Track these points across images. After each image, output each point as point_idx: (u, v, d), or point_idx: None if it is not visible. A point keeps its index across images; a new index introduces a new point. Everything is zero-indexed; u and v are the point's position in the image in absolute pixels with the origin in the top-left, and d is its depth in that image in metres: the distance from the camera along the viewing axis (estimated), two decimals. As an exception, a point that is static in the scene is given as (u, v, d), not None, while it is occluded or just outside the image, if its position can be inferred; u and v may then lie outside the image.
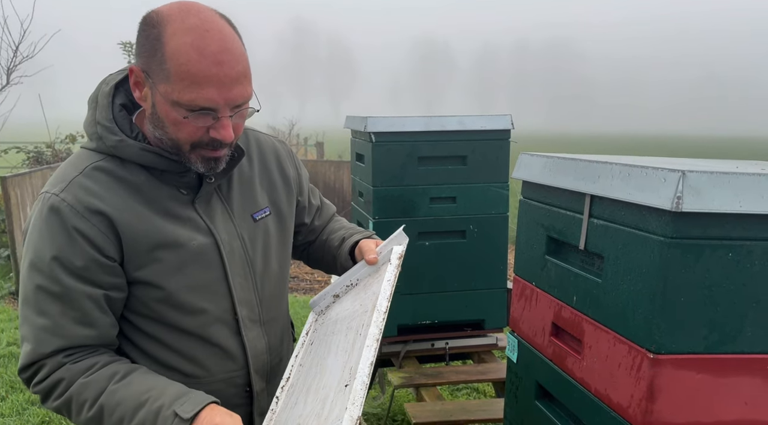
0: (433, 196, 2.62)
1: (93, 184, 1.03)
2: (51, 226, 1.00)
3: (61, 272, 1.00)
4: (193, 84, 0.95)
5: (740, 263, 0.92)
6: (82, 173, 1.03)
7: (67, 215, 1.00)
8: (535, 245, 1.33)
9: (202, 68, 0.95)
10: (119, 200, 1.04)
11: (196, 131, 1.01)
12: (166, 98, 0.98)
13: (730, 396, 0.95)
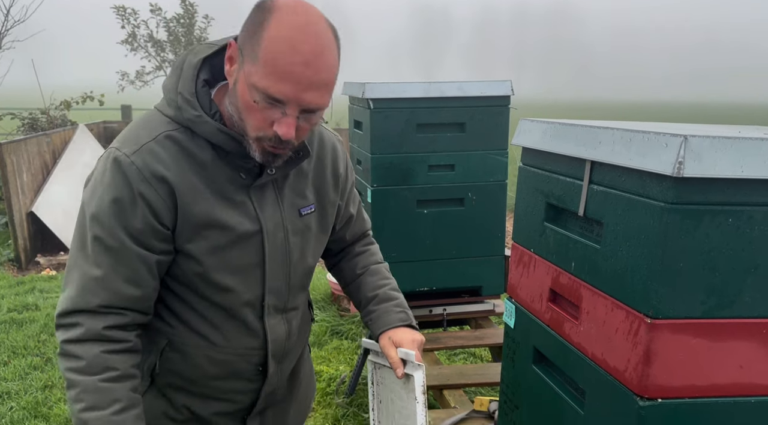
0: (431, 164, 2.61)
1: (163, 152, 1.05)
2: (117, 185, 1.03)
3: (121, 231, 1.04)
4: (273, 74, 0.97)
5: (740, 228, 0.92)
6: (155, 140, 1.05)
7: (134, 178, 1.03)
8: (534, 212, 1.33)
9: (288, 63, 0.97)
10: (184, 173, 1.06)
11: (262, 122, 1.02)
12: (247, 79, 1.00)
13: (725, 359, 0.96)
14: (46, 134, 6.41)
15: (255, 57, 0.97)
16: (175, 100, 1.07)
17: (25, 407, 2.94)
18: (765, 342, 0.96)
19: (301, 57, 0.97)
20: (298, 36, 0.97)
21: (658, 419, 0.96)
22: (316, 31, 0.99)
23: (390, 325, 1.31)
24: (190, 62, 1.08)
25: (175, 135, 1.06)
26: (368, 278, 1.41)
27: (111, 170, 1.04)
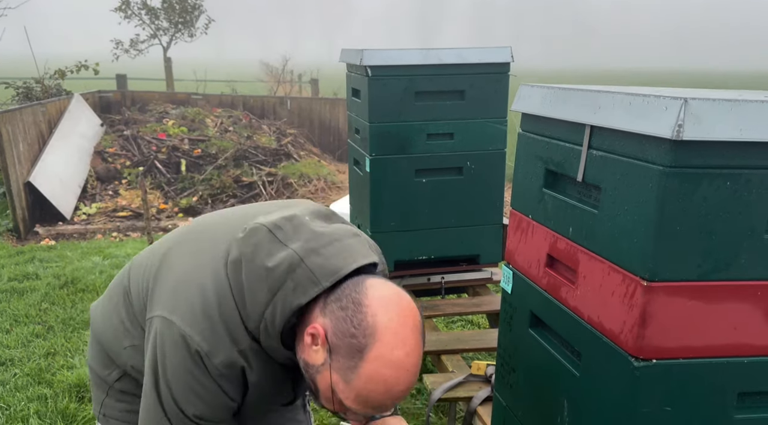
0: (430, 132, 2.60)
1: (248, 365, 1.08)
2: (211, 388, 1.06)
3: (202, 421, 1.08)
4: (363, 404, 1.00)
5: (737, 192, 0.92)
6: (241, 353, 1.07)
7: (227, 388, 1.07)
8: (532, 178, 1.33)
9: (380, 400, 0.99)
10: (259, 375, 1.11)
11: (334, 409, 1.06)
12: (333, 388, 1.00)
13: (720, 321, 0.97)
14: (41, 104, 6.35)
15: (348, 381, 0.98)
16: (256, 321, 1.06)
17: (28, 374, 2.98)
18: (759, 304, 0.97)
19: (396, 396, 0.99)
20: (394, 378, 0.97)
21: (652, 379, 0.98)
22: (413, 362, 0.99)
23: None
24: (288, 303, 1.03)
25: (255, 346, 1.08)
26: None
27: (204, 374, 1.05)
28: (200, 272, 1.10)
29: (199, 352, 1.04)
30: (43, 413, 2.65)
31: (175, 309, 1.06)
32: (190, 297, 1.07)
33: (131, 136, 7.61)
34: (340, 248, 1.05)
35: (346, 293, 1.00)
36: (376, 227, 2.69)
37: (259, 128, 8.65)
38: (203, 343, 1.04)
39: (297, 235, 1.06)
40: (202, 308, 1.05)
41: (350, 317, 0.97)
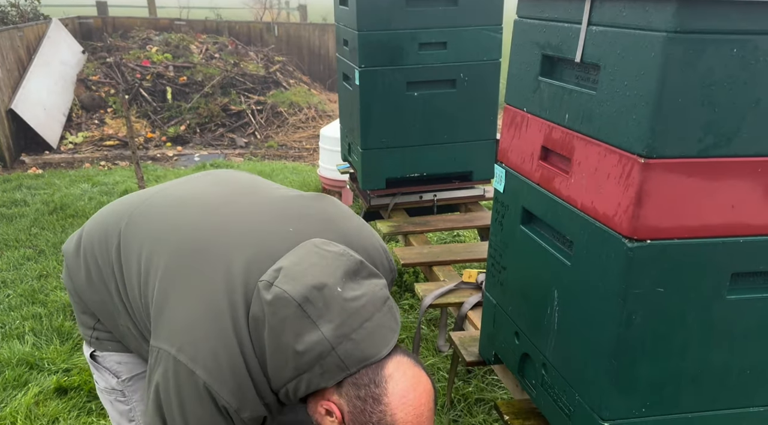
0: (422, 41, 2.49)
1: (269, 412, 1.08)
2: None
3: None
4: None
5: (744, 58, 0.87)
6: (266, 406, 1.07)
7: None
8: (528, 67, 1.27)
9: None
10: (278, 415, 1.12)
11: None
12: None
13: (718, 199, 0.95)
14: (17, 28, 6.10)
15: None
16: (277, 387, 1.05)
17: (21, 294, 2.98)
18: (759, 182, 0.94)
19: None
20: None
21: (646, 260, 0.96)
22: (427, 419, 1.00)
23: None
24: (313, 384, 1.00)
25: (276, 400, 1.08)
26: None
27: (227, 423, 1.03)
28: (220, 319, 1.03)
29: (227, 408, 1.02)
30: (39, 330, 2.67)
31: (196, 359, 1.01)
32: (216, 353, 1.01)
33: (114, 63, 7.36)
34: (371, 331, 1.00)
35: (365, 383, 0.98)
36: (366, 144, 2.63)
37: (246, 55, 8.39)
38: (233, 400, 1.02)
39: (329, 312, 0.99)
40: (230, 366, 1.02)
41: (369, 412, 0.97)
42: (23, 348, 2.52)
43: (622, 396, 1.04)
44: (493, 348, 1.50)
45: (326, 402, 1.01)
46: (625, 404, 1.04)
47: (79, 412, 2.19)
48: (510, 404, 1.41)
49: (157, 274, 1.10)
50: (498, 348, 1.48)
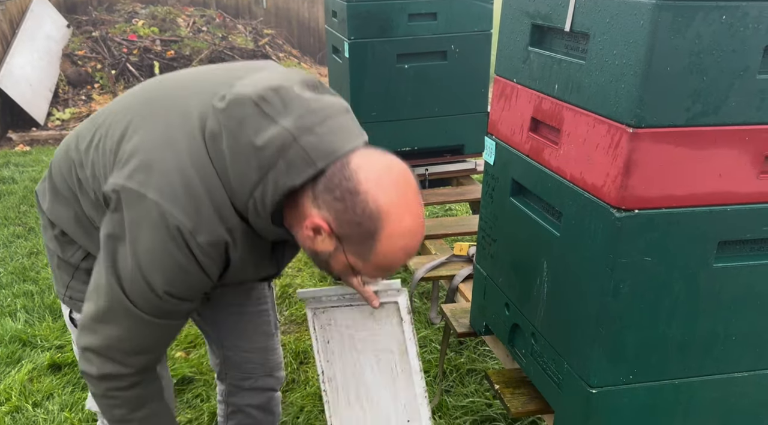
0: (412, 12, 2.46)
1: (233, 244, 1.04)
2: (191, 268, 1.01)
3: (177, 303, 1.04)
4: (386, 270, 1.03)
5: (733, 26, 0.87)
6: (229, 232, 1.02)
7: (208, 267, 1.02)
8: (518, 37, 1.26)
9: (399, 262, 1.01)
10: (242, 252, 1.07)
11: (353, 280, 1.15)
12: (352, 266, 1.02)
13: (706, 168, 0.95)
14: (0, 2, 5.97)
15: (365, 258, 0.99)
16: (244, 200, 1.00)
17: (12, 272, 2.97)
18: (746, 150, 0.95)
19: (411, 253, 1.01)
20: (410, 241, 0.99)
21: (633, 230, 0.97)
22: (421, 223, 1.00)
23: None
24: (281, 184, 0.96)
25: (243, 227, 1.04)
26: None
27: (185, 253, 0.99)
28: (175, 145, 1.01)
29: (181, 230, 0.97)
30: (30, 308, 2.67)
31: (148, 183, 0.98)
32: (167, 172, 0.98)
33: (100, 38, 7.23)
34: (334, 127, 0.97)
35: (336, 183, 0.94)
36: (356, 117, 2.61)
37: (234, 28, 8.26)
38: (186, 221, 0.97)
39: (287, 109, 0.97)
40: (183, 184, 0.98)
41: (350, 208, 0.94)
42: (15, 326, 2.53)
43: (610, 363, 1.05)
44: (483, 319, 1.52)
45: (308, 221, 0.98)
46: (613, 371, 1.06)
47: (74, 388, 2.21)
48: (500, 373, 1.43)
49: (110, 127, 1.09)
50: (489, 319, 1.49)
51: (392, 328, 1.29)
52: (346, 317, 1.31)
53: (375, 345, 1.30)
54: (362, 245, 0.97)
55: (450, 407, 2.08)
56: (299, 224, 1.01)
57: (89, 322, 1.06)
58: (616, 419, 1.10)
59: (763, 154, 0.96)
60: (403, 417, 1.31)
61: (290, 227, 1.04)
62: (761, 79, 0.91)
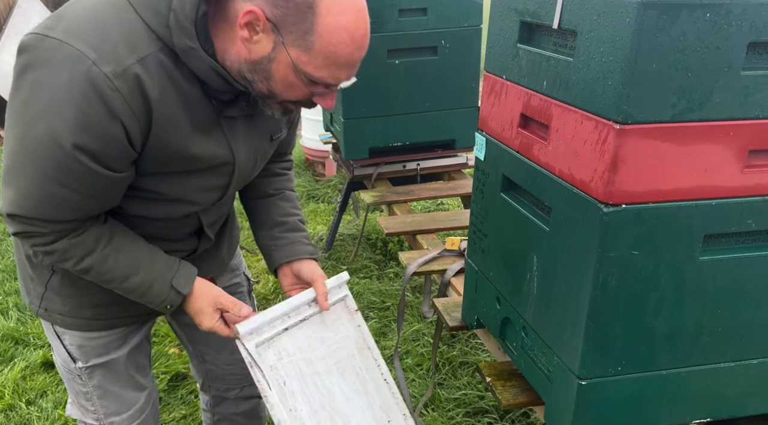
0: (402, 8, 2.47)
1: (150, 79, 0.92)
2: (94, 110, 0.90)
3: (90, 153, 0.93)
4: (333, 64, 0.93)
5: (717, 23, 0.88)
6: (141, 62, 0.91)
7: (116, 107, 0.90)
8: (507, 34, 1.27)
9: (348, 52, 0.93)
10: (167, 101, 0.96)
11: (303, 95, 1.00)
12: (296, 65, 0.93)
13: (691, 163, 0.96)
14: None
15: (308, 47, 0.91)
16: (165, 17, 0.92)
17: (3, 270, 2.97)
18: (730, 145, 0.96)
19: (360, 42, 0.93)
20: (353, 20, 0.91)
21: (621, 224, 0.99)
22: (364, 4, 0.94)
23: (299, 256, 1.30)
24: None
25: (163, 59, 0.93)
26: (280, 202, 1.37)
27: (85, 89, 0.88)
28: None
29: (86, 64, 0.88)
30: (23, 306, 2.67)
31: (53, 28, 0.90)
32: (76, 13, 0.93)
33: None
34: None
35: None
36: (348, 113, 2.62)
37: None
38: (90, 51, 0.88)
39: None
40: (89, 17, 0.91)
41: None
42: (8, 324, 2.52)
43: (599, 355, 1.07)
44: (475, 312, 1.54)
45: (243, 13, 0.89)
46: (602, 363, 1.08)
47: (68, 386, 2.21)
48: (492, 366, 1.45)
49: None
50: (480, 312, 1.51)
51: (345, 328, 1.26)
52: (296, 341, 1.19)
53: (335, 356, 1.23)
54: (301, 26, 0.89)
55: (443, 400, 2.10)
56: (232, 41, 0.94)
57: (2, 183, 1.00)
58: (605, 410, 1.12)
59: (747, 149, 0.97)
60: (383, 419, 1.26)
61: (223, 55, 0.96)
62: (745, 75, 0.93)
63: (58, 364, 1.33)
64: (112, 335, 1.27)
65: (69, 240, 1.04)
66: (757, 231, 1.05)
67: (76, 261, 1.06)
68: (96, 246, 1.06)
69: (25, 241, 1.06)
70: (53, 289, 1.20)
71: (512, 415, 2.01)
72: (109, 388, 1.31)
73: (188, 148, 1.02)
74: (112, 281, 1.10)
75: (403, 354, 2.35)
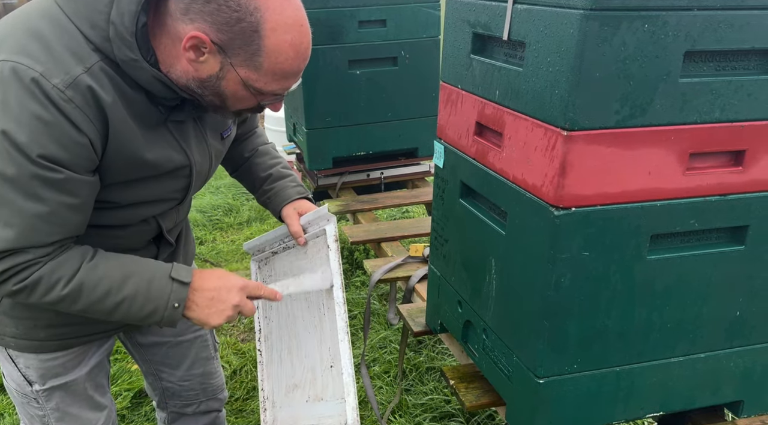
0: (361, 19, 2.50)
1: (100, 88, 0.94)
2: (53, 120, 0.91)
3: (62, 161, 0.93)
4: (282, 78, 0.98)
5: (655, 34, 0.93)
6: (89, 72, 0.93)
7: (74, 115, 0.92)
8: (461, 45, 1.31)
9: (295, 65, 0.98)
10: (118, 109, 0.97)
11: (252, 104, 1.04)
12: (245, 82, 0.97)
13: (636, 167, 1.01)
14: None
15: (256, 66, 0.95)
16: (104, 29, 0.93)
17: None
18: (672, 149, 1.01)
19: (304, 54, 0.99)
20: (297, 36, 0.95)
21: (571, 226, 1.02)
22: (304, 16, 0.97)
23: (290, 198, 1.37)
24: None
25: (106, 68, 0.95)
26: (258, 159, 1.42)
27: (41, 101, 0.90)
28: (22, 13, 0.96)
29: (33, 77, 0.89)
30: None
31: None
32: (13, 32, 0.93)
33: None
34: None
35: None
36: (311, 123, 2.63)
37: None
38: (35, 65, 0.89)
39: None
40: (30, 33, 0.92)
41: (224, 5, 0.90)
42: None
43: (555, 354, 1.11)
44: (438, 317, 1.56)
45: (186, 39, 0.91)
46: (558, 362, 1.11)
47: (27, 406, 2.15)
48: (455, 369, 1.48)
49: None
50: (443, 317, 1.54)
51: (321, 262, 1.29)
52: (283, 264, 1.35)
53: (305, 285, 1.29)
54: (248, 48, 0.92)
55: (410, 405, 2.12)
56: (177, 57, 0.96)
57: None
58: (563, 407, 1.15)
59: (687, 152, 1.03)
60: (327, 362, 1.30)
61: (168, 68, 0.98)
62: (683, 82, 0.98)
63: (11, 389, 1.28)
64: (69, 354, 1.24)
65: (54, 261, 1.00)
66: (700, 230, 1.10)
67: (65, 282, 1.00)
68: (83, 259, 1.02)
69: (3, 286, 0.99)
70: (5, 312, 1.17)
71: (478, 418, 2.04)
72: (68, 410, 1.28)
73: (143, 155, 1.03)
74: (108, 293, 1.03)
75: (371, 361, 2.36)
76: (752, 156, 1.06)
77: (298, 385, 1.33)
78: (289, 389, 1.35)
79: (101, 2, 0.93)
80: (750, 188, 1.08)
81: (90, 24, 0.94)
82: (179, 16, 0.92)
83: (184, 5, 0.92)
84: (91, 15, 0.94)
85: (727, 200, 1.08)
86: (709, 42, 0.96)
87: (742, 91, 1.01)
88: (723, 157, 1.07)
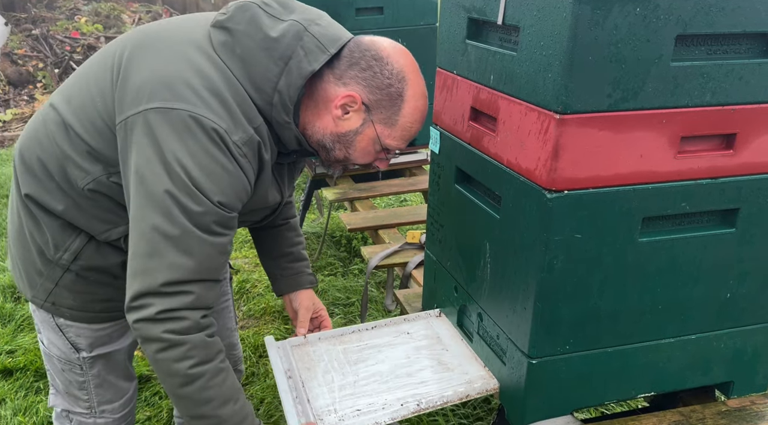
0: (359, 6, 2.50)
1: (263, 145, 1.09)
2: (234, 170, 1.03)
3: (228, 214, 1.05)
4: (407, 136, 1.16)
5: (647, 17, 0.94)
6: (257, 129, 1.07)
7: (245, 167, 1.06)
8: (456, 31, 1.31)
9: (418, 127, 1.17)
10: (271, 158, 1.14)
11: (372, 159, 1.20)
12: (378, 137, 1.14)
13: (627, 150, 1.02)
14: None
15: (392, 123, 1.13)
16: (268, 95, 1.07)
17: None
18: (663, 132, 1.02)
19: (423, 120, 1.18)
20: (423, 103, 1.16)
21: (564, 209, 1.04)
22: (425, 86, 1.18)
23: (302, 287, 1.48)
24: (303, 70, 1.06)
25: (264, 127, 1.09)
26: (287, 233, 1.51)
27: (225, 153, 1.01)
28: (186, 57, 1.03)
29: (218, 131, 1.00)
30: (-22, 314, 2.60)
31: (173, 97, 0.99)
32: (187, 80, 1.00)
33: (41, 35, 7.00)
34: (329, 21, 1.13)
35: (359, 56, 1.09)
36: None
37: (184, 25, 8.12)
38: (220, 121, 1.00)
39: (287, 10, 1.09)
40: (207, 87, 1.01)
41: (379, 72, 1.09)
42: (-36, 333, 2.46)
43: (548, 335, 1.12)
44: (435, 302, 1.58)
45: (338, 100, 1.09)
46: (551, 343, 1.13)
47: (27, 392, 2.18)
48: (451, 353, 1.49)
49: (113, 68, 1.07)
50: (439, 301, 1.55)
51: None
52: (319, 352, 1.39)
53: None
54: (391, 109, 1.11)
55: (407, 391, 2.14)
56: (319, 116, 1.12)
57: (141, 263, 1.00)
58: (556, 387, 1.17)
59: (679, 135, 1.04)
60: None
61: (305, 126, 1.13)
62: (674, 66, 0.99)
63: (52, 354, 1.32)
64: (116, 325, 1.32)
65: (204, 336, 1.04)
66: (691, 213, 1.12)
67: (193, 364, 1.03)
68: (216, 356, 1.07)
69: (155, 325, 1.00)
70: (65, 286, 1.22)
71: (473, 400, 2.07)
72: (107, 377, 1.36)
73: (266, 195, 1.18)
74: (210, 400, 1.05)
75: (368, 348, 2.38)
76: (743, 139, 1.08)
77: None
78: None
79: (272, 72, 1.06)
80: (741, 172, 1.10)
81: (254, 88, 1.06)
82: (333, 80, 1.10)
83: (339, 72, 1.09)
84: (258, 81, 1.06)
85: (718, 183, 1.09)
86: (700, 26, 0.97)
87: (733, 74, 1.02)
88: (714, 140, 1.08)
